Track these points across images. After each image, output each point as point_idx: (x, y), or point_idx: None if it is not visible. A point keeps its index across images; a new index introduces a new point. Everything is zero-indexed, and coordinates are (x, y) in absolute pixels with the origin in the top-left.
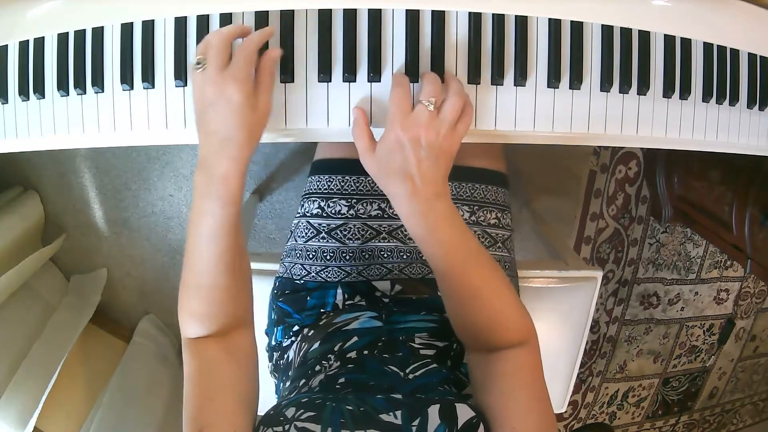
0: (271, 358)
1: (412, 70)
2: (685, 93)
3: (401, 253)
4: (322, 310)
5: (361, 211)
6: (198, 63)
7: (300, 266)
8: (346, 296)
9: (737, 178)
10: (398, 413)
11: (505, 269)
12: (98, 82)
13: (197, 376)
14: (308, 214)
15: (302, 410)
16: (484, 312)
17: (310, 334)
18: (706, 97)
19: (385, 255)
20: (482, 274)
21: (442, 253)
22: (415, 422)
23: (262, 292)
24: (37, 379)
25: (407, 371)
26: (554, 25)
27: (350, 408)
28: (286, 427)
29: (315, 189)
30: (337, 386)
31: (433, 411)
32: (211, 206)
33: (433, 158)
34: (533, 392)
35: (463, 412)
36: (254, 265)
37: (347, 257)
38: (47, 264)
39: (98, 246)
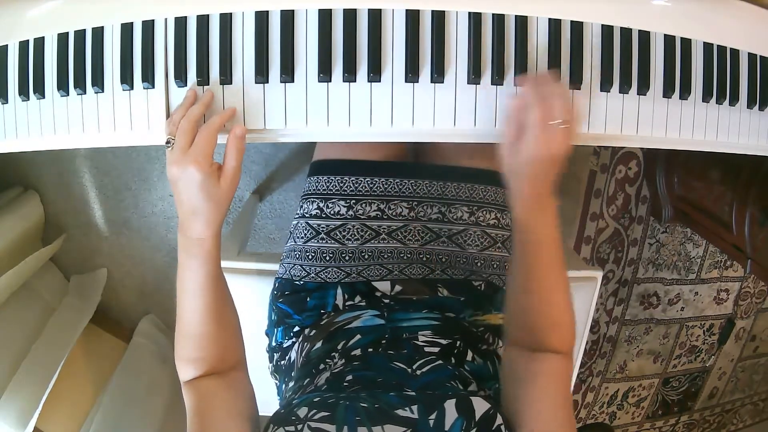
0: (271, 359)
1: (412, 71)
2: (685, 93)
3: (401, 254)
4: (322, 311)
5: (360, 211)
6: (167, 142)
7: (299, 267)
8: (346, 296)
9: (737, 178)
10: (414, 408)
11: (505, 269)
12: (98, 82)
13: (197, 408)
14: (307, 215)
15: (315, 410)
16: (550, 312)
17: (311, 334)
18: (706, 97)
19: (385, 255)
20: (561, 279)
21: (540, 247)
22: (432, 416)
23: (262, 292)
24: (37, 379)
25: (414, 368)
26: (554, 25)
27: (364, 405)
28: (299, 427)
29: (314, 190)
30: (345, 384)
31: (450, 405)
32: (192, 264)
33: (559, 167)
34: (563, 398)
35: (479, 405)
36: (254, 266)
37: (347, 258)
38: (47, 264)
39: (98, 246)
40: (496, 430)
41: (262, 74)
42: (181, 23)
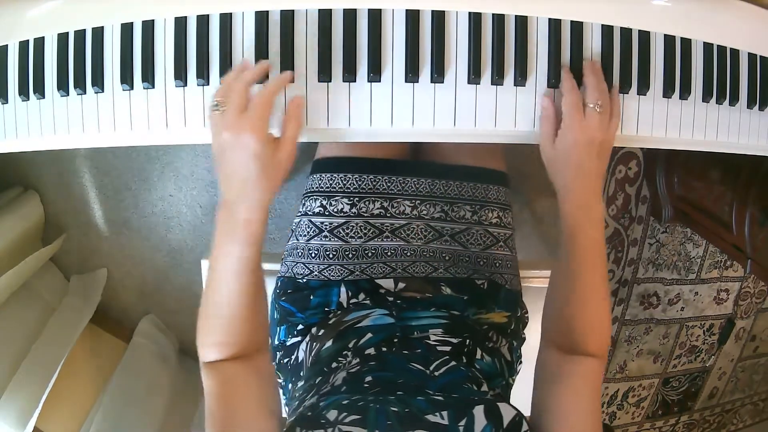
0: (274, 357)
1: (412, 71)
2: (685, 93)
3: (405, 252)
4: (326, 309)
5: (364, 209)
6: (215, 105)
7: (302, 265)
8: (350, 294)
9: (737, 178)
10: (444, 414)
11: (507, 268)
12: (98, 82)
13: (219, 392)
14: (310, 213)
15: (345, 413)
16: (588, 314)
17: (320, 333)
18: (706, 97)
19: (389, 253)
20: (603, 282)
21: (585, 249)
22: (462, 422)
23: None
24: (37, 379)
25: (431, 369)
26: (554, 25)
27: (395, 409)
28: (330, 430)
29: (317, 187)
30: (365, 385)
31: (479, 411)
32: (234, 248)
33: (600, 155)
34: (594, 403)
35: (507, 412)
36: None
37: (350, 255)
38: (47, 264)
39: (98, 246)
40: None
41: None
42: (181, 23)
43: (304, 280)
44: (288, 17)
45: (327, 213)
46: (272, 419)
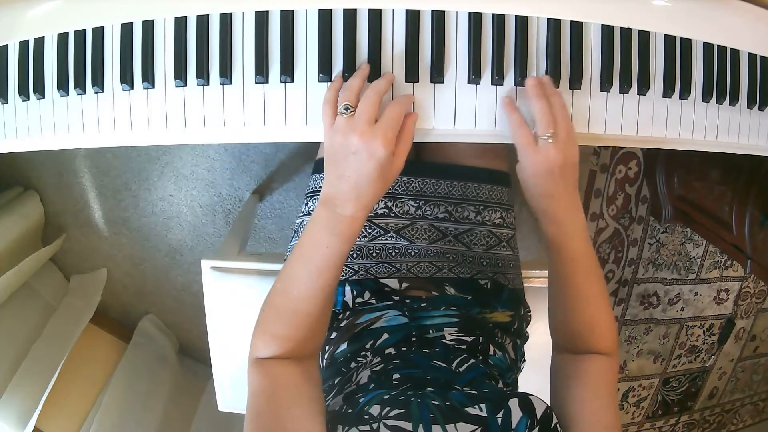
0: None
1: (412, 71)
2: (685, 93)
3: (409, 252)
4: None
5: None
6: (346, 108)
7: None
8: (355, 293)
9: (737, 178)
10: (482, 406)
11: (510, 267)
12: (98, 82)
13: (271, 390)
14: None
15: (388, 407)
16: (589, 315)
17: (332, 336)
18: (706, 97)
19: (393, 253)
20: (596, 284)
21: (572, 258)
22: (500, 414)
23: (263, 292)
24: (37, 379)
25: (454, 365)
26: (554, 25)
27: (436, 403)
28: (374, 425)
29: (320, 187)
30: (394, 382)
31: (514, 404)
32: (331, 241)
33: (565, 176)
34: (610, 398)
35: (539, 405)
36: (255, 265)
37: (354, 255)
38: (47, 264)
39: (98, 246)
40: (554, 429)
41: (261, 74)
42: (181, 23)
43: None
44: (287, 17)
45: None
46: (322, 424)
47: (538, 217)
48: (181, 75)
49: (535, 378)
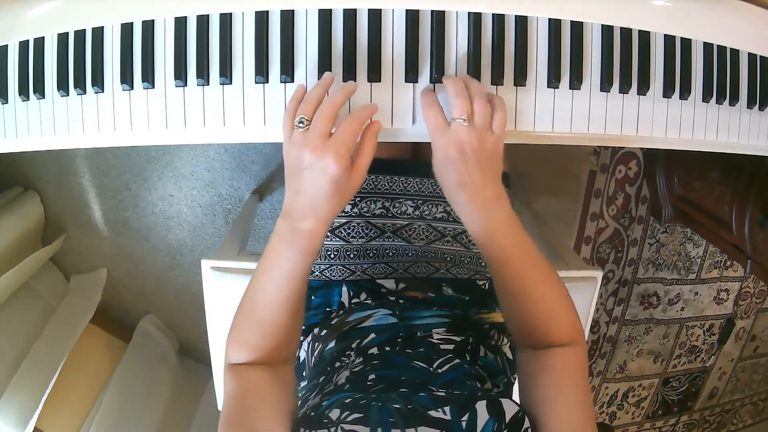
0: None
1: (412, 70)
2: (685, 93)
3: (406, 252)
4: (328, 309)
5: (365, 209)
6: (300, 122)
7: None
8: (352, 294)
9: (737, 178)
10: (446, 409)
11: None
12: (98, 82)
13: (241, 395)
14: None
15: (347, 411)
16: (538, 309)
17: (322, 333)
18: (706, 97)
19: (390, 254)
20: (538, 274)
21: (502, 256)
22: (465, 417)
23: None
24: (37, 379)
25: (434, 366)
26: (554, 25)
27: (397, 406)
28: (332, 429)
29: None
30: (368, 383)
31: (481, 406)
32: (291, 254)
33: (481, 164)
34: (577, 391)
35: (509, 407)
36: (254, 266)
37: (351, 255)
38: (47, 264)
39: (98, 246)
40: None
41: (261, 74)
42: (181, 23)
43: None
44: (287, 17)
45: None
46: (288, 428)
47: (460, 217)
48: (181, 75)
49: None
